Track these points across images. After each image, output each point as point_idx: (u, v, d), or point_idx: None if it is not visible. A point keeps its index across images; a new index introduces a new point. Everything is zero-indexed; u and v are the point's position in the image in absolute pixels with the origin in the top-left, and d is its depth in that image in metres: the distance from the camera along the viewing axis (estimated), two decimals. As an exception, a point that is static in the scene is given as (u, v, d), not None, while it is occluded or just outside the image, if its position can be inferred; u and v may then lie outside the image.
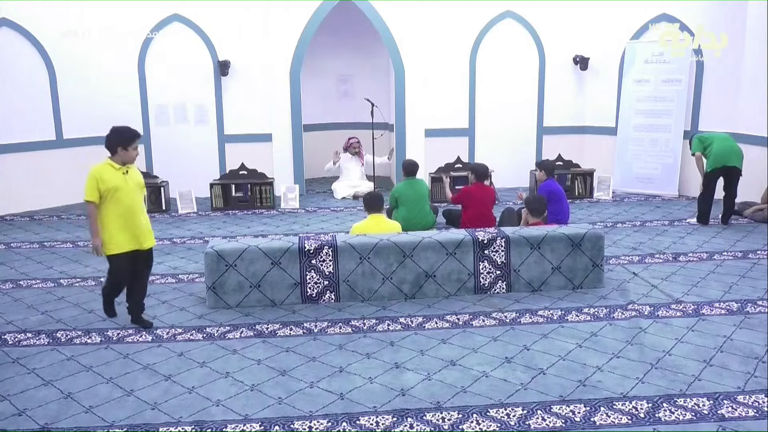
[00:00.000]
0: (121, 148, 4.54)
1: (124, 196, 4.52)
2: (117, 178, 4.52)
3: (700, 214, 7.62)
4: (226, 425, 3.39)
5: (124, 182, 4.53)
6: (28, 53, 8.89)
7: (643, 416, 3.39)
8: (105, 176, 4.49)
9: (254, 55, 9.68)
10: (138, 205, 4.62)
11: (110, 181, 4.48)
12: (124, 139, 4.53)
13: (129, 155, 4.57)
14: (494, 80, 10.16)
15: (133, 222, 4.57)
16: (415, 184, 7.23)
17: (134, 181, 4.63)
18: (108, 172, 4.52)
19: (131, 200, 4.56)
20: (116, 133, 4.57)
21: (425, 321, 4.79)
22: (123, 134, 4.55)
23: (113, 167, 4.54)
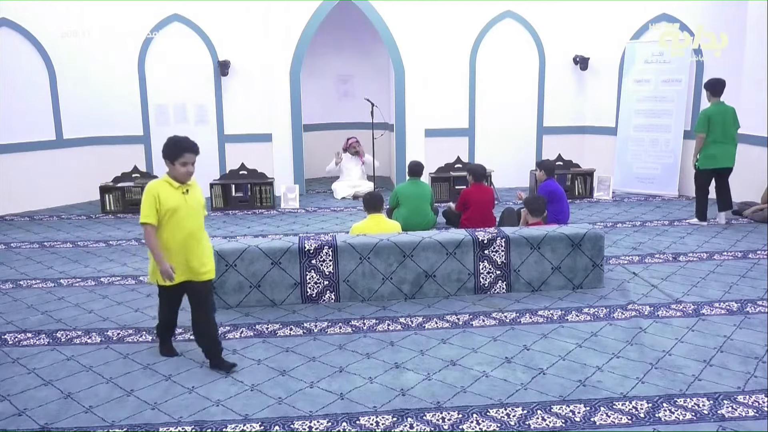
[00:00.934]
0: (168, 162, 3.87)
1: (184, 219, 3.87)
2: (176, 198, 3.85)
3: (697, 211, 7.66)
4: (226, 425, 3.39)
5: (183, 202, 3.87)
6: (28, 53, 8.89)
7: (643, 416, 3.39)
8: (163, 194, 3.82)
9: (254, 55, 9.68)
10: (199, 229, 3.98)
11: (168, 200, 3.82)
12: (170, 151, 3.83)
13: (176, 172, 3.85)
14: (494, 80, 10.16)
15: (191, 248, 3.90)
16: (419, 185, 7.22)
17: (195, 201, 3.96)
18: (166, 190, 3.85)
19: (192, 223, 3.91)
20: (166, 145, 3.88)
21: (425, 321, 4.79)
22: (170, 146, 3.86)
23: (171, 185, 3.87)
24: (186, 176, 3.87)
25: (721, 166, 7.38)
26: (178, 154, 3.82)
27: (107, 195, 8.93)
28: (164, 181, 3.90)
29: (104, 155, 9.57)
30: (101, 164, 9.48)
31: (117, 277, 5.97)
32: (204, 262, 3.97)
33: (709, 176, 7.49)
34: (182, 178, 3.87)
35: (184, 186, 3.92)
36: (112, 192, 8.97)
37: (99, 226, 8.17)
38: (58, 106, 9.23)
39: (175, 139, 3.86)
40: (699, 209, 7.64)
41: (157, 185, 3.86)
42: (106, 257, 6.68)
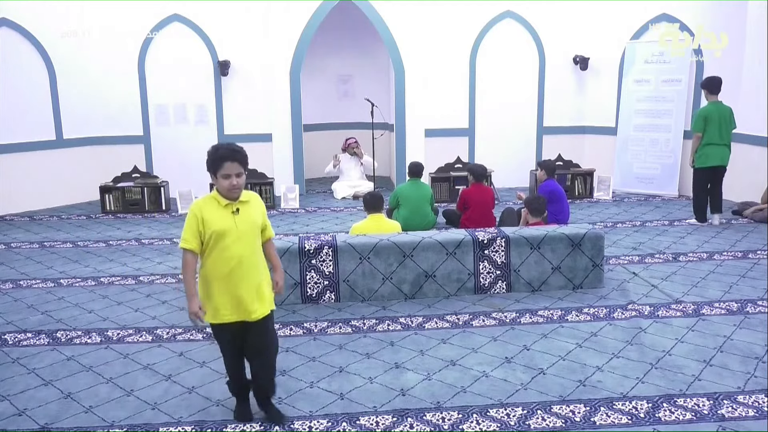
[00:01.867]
0: (211, 175, 3.16)
1: (233, 244, 3.13)
2: (223, 219, 3.13)
3: (695, 211, 7.68)
4: (226, 425, 3.39)
5: (232, 225, 3.13)
6: (28, 53, 8.89)
7: (643, 416, 3.39)
8: (208, 215, 3.12)
9: (254, 55, 9.68)
10: (252, 256, 3.22)
11: (214, 222, 3.12)
12: (209, 162, 3.14)
13: (220, 186, 3.15)
14: (494, 80, 10.16)
15: (241, 280, 3.17)
16: (419, 185, 7.22)
17: (249, 222, 3.20)
18: (211, 208, 3.14)
19: (243, 249, 3.17)
20: (207, 154, 3.18)
21: (425, 321, 4.79)
22: (209, 155, 3.15)
23: (218, 202, 3.17)
24: (231, 191, 3.12)
25: (716, 164, 7.39)
26: (218, 165, 3.09)
27: (107, 195, 8.93)
28: (211, 197, 3.18)
29: (104, 155, 9.57)
30: (101, 164, 9.48)
31: (117, 277, 5.97)
32: (257, 296, 3.23)
33: (707, 175, 7.49)
34: (227, 194, 3.14)
35: (233, 203, 3.17)
36: (112, 192, 8.97)
37: (99, 226, 8.18)
38: (58, 106, 9.23)
39: (214, 147, 3.17)
40: (697, 209, 7.66)
41: (202, 203, 3.17)
42: (106, 257, 6.68)
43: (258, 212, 3.29)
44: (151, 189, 9.04)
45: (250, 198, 3.28)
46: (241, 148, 3.18)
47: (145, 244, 7.22)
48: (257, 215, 3.27)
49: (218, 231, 3.12)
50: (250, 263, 3.21)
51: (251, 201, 3.27)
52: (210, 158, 3.14)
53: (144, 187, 9.01)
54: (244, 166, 3.17)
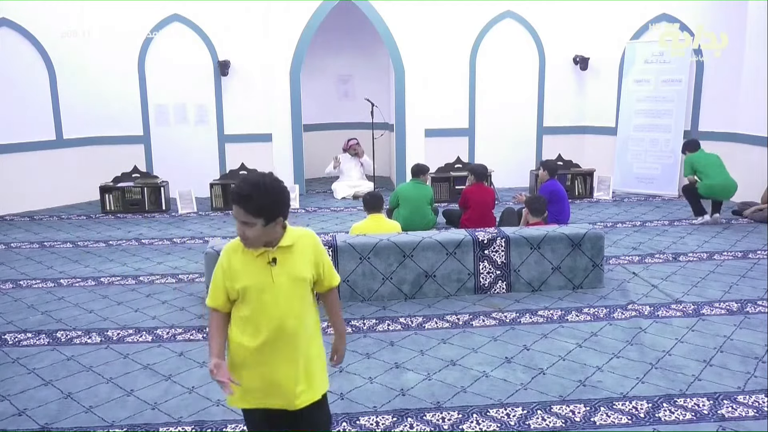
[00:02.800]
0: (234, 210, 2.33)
1: (268, 306, 2.36)
2: (256, 272, 2.36)
3: (694, 212, 7.74)
4: (226, 425, 3.39)
5: (268, 279, 2.35)
6: (28, 53, 8.89)
7: (643, 416, 3.39)
8: (238, 264, 2.38)
9: (254, 55, 9.68)
10: (296, 321, 2.39)
11: (244, 275, 2.36)
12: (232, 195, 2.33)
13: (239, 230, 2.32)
14: (494, 80, 10.16)
15: (278, 357, 2.38)
16: (419, 185, 7.23)
17: (291, 276, 2.39)
18: (243, 256, 2.38)
19: (283, 313, 2.36)
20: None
21: (425, 321, 4.79)
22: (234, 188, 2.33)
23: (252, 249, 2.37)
24: (243, 240, 2.33)
25: (721, 198, 7.59)
26: (235, 202, 2.29)
27: (107, 195, 8.93)
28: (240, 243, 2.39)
29: (104, 155, 9.57)
30: (101, 164, 9.48)
31: (117, 277, 5.97)
32: (304, 376, 2.41)
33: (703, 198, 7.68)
34: (246, 241, 2.33)
35: (270, 250, 2.35)
36: (112, 192, 8.97)
37: (99, 226, 8.18)
38: (58, 106, 9.23)
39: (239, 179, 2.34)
40: (694, 208, 7.74)
41: (233, 248, 2.41)
42: (106, 257, 6.68)
43: (305, 260, 2.41)
44: (151, 189, 9.04)
45: (296, 241, 2.40)
46: (259, 191, 2.24)
47: (145, 244, 7.22)
48: (303, 265, 2.40)
49: (249, 287, 2.34)
50: (292, 331, 2.37)
51: (296, 245, 2.39)
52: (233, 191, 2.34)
53: (144, 187, 9.01)
54: (257, 215, 2.24)
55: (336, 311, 2.66)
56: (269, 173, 2.33)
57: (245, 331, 2.39)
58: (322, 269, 2.49)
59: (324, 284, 2.54)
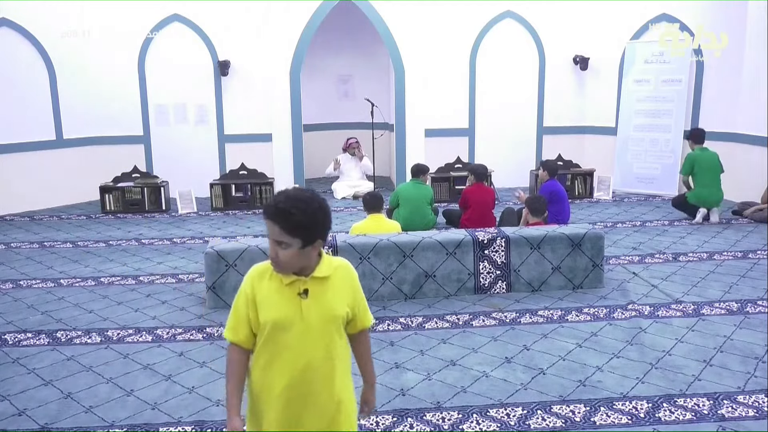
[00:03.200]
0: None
1: (294, 345, 2.07)
2: (284, 304, 2.07)
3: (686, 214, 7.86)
4: (226, 425, 3.39)
5: (296, 313, 2.06)
6: (28, 53, 8.89)
7: (643, 416, 3.39)
8: (264, 293, 2.08)
9: (254, 55, 9.68)
10: (325, 363, 2.10)
11: (270, 306, 2.07)
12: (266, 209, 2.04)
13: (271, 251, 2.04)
14: (494, 80, 10.16)
15: (304, 403, 2.10)
16: (419, 186, 7.23)
17: (323, 313, 2.09)
18: (271, 285, 2.09)
19: (311, 353, 2.07)
20: None
21: (425, 321, 4.79)
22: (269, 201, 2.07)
23: (281, 277, 2.08)
24: (275, 263, 2.04)
25: (710, 206, 7.72)
26: (264, 217, 2.05)
27: (107, 195, 8.93)
28: (269, 267, 2.11)
29: (104, 155, 9.57)
30: (101, 164, 9.48)
31: (117, 277, 5.97)
32: (331, 424, 2.14)
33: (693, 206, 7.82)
34: (278, 266, 2.04)
35: (301, 279, 2.07)
36: (112, 192, 8.97)
37: (99, 226, 8.18)
38: (58, 106, 9.23)
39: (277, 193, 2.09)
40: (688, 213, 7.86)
41: (259, 274, 2.12)
42: (106, 257, 6.68)
43: (341, 295, 2.12)
44: (151, 189, 9.04)
45: (333, 273, 2.11)
46: (299, 207, 1.97)
47: (145, 244, 7.22)
48: (338, 301, 2.11)
49: (273, 321, 2.05)
50: (320, 374, 2.09)
51: (333, 278, 2.11)
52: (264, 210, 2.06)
53: (144, 187, 9.01)
54: (294, 234, 1.97)
55: (366, 357, 2.31)
56: (309, 189, 2.07)
57: (268, 373, 2.08)
58: (357, 308, 2.19)
59: (356, 324, 2.21)
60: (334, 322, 2.11)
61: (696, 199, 7.76)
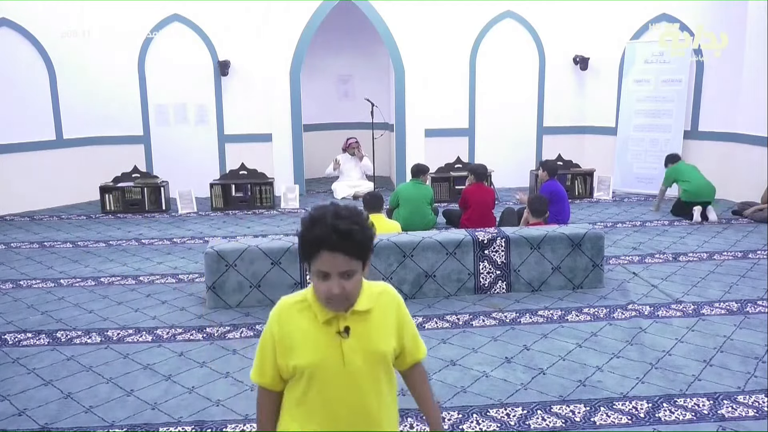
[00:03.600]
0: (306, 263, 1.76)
1: (334, 391, 1.78)
2: (321, 346, 1.77)
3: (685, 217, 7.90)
4: (226, 425, 3.39)
5: (336, 357, 1.76)
6: (28, 53, 8.89)
7: (643, 416, 3.39)
8: (294, 334, 1.79)
9: (254, 55, 9.68)
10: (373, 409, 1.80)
11: (303, 349, 1.77)
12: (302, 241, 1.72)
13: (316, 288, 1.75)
14: (494, 80, 10.16)
15: None
16: (419, 186, 7.23)
17: (369, 353, 1.79)
18: (301, 323, 1.80)
19: (355, 399, 1.79)
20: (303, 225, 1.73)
21: (425, 321, 4.79)
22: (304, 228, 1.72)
23: (315, 314, 1.79)
24: (330, 300, 1.72)
25: (705, 199, 7.82)
26: (311, 252, 1.70)
27: (107, 195, 8.93)
28: (303, 301, 1.82)
29: (104, 155, 9.57)
30: (101, 164, 9.48)
31: (117, 277, 5.97)
32: None
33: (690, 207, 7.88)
34: (324, 302, 1.74)
35: (340, 315, 1.76)
36: (112, 192, 8.97)
37: (99, 226, 8.18)
38: (58, 106, 9.23)
39: (311, 217, 1.71)
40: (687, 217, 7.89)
41: (287, 311, 1.82)
42: (106, 257, 6.68)
43: (387, 329, 1.83)
44: (151, 189, 9.04)
45: (375, 304, 1.81)
46: (358, 223, 1.68)
47: (145, 244, 7.22)
48: (384, 336, 1.82)
49: (312, 368, 1.75)
50: (366, 423, 1.79)
51: (375, 310, 1.80)
52: (301, 236, 1.70)
53: (144, 187, 9.01)
54: (360, 256, 1.69)
55: (426, 395, 1.96)
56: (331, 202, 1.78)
57: (303, 425, 1.78)
58: (407, 339, 1.87)
59: (406, 359, 1.89)
60: (382, 362, 1.80)
61: (690, 196, 7.83)
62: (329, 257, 1.66)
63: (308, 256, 1.71)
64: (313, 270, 1.72)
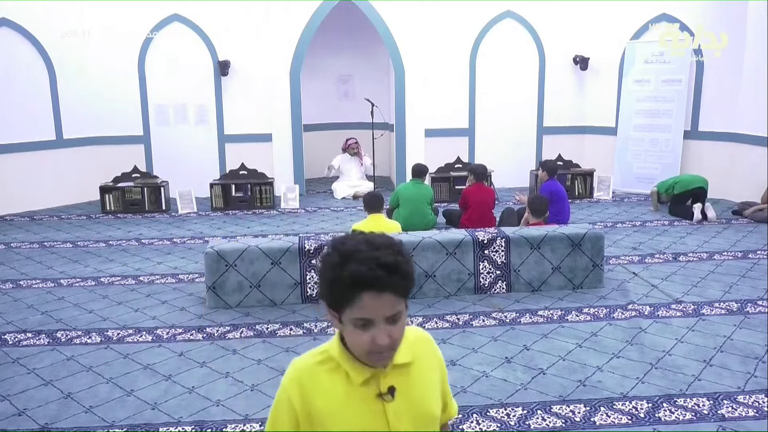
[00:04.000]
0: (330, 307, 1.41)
1: None
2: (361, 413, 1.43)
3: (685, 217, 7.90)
4: (226, 425, 3.39)
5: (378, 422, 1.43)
6: (28, 53, 8.89)
7: (643, 416, 3.39)
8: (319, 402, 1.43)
9: (254, 55, 9.68)
10: None
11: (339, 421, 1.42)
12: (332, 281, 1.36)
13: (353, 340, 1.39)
14: (494, 80, 10.16)
15: None
16: (420, 186, 7.23)
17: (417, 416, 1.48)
18: (328, 387, 1.44)
19: None
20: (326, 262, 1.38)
21: (425, 321, 4.79)
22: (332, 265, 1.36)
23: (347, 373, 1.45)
24: (373, 354, 1.39)
25: (698, 185, 7.98)
26: (348, 295, 1.35)
27: (107, 195, 8.93)
28: (328, 359, 1.50)
29: (104, 155, 9.57)
30: (101, 164, 9.48)
31: (117, 277, 5.97)
32: None
33: (687, 197, 8.00)
34: (366, 357, 1.41)
35: (380, 374, 1.46)
36: (112, 192, 8.97)
37: (99, 226, 8.17)
38: (58, 106, 9.23)
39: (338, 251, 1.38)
40: (686, 216, 7.87)
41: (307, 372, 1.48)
42: (106, 257, 6.68)
43: (433, 383, 1.56)
44: (151, 189, 9.04)
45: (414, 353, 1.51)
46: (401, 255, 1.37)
47: (145, 244, 7.22)
48: (431, 393, 1.55)
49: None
50: None
51: (416, 362, 1.52)
52: (332, 278, 1.36)
53: (144, 187, 9.01)
54: (407, 293, 1.38)
55: None
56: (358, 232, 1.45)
57: None
58: (446, 394, 1.64)
59: (441, 417, 1.61)
60: (432, 426, 1.50)
61: (683, 186, 8.03)
62: (373, 299, 1.32)
63: (342, 302, 1.35)
64: (347, 318, 1.37)
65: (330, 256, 1.37)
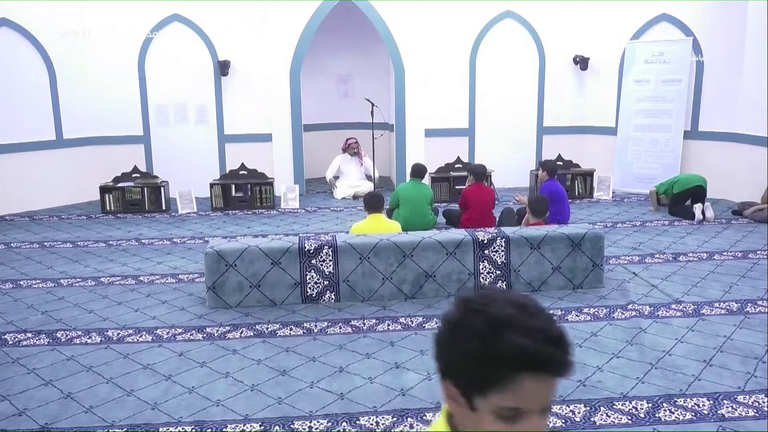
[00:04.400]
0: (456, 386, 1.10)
1: None
2: None
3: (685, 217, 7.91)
4: (226, 425, 3.39)
5: None
6: (28, 53, 8.89)
7: (643, 416, 3.39)
8: None
9: (254, 55, 9.68)
10: None
11: None
12: (490, 361, 1.04)
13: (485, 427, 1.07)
14: (494, 80, 10.15)
15: None
16: (420, 186, 7.24)
17: None
18: None
19: None
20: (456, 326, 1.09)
21: (425, 321, 4.79)
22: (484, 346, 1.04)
23: None
24: None
25: (697, 184, 7.98)
26: (502, 376, 1.05)
27: (107, 195, 8.93)
28: None
29: (104, 155, 9.57)
30: (101, 164, 9.48)
31: (117, 277, 5.97)
32: None
33: (686, 196, 8.00)
34: None
35: None
36: (112, 192, 8.97)
37: (99, 226, 8.17)
38: (58, 106, 9.23)
39: (486, 320, 1.05)
40: (686, 216, 7.87)
41: None
42: (106, 257, 6.68)
43: None
44: (151, 189, 9.04)
45: None
46: (558, 322, 1.12)
47: (145, 244, 7.22)
48: None
49: None
50: None
51: None
52: (475, 345, 1.06)
53: (144, 187, 9.01)
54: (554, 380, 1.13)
55: None
56: (493, 287, 1.17)
57: None
58: None
59: None
60: None
61: (682, 185, 8.03)
62: (535, 384, 1.06)
63: (487, 384, 1.06)
64: (487, 405, 1.07)
65: (469, 321, 1.06)
